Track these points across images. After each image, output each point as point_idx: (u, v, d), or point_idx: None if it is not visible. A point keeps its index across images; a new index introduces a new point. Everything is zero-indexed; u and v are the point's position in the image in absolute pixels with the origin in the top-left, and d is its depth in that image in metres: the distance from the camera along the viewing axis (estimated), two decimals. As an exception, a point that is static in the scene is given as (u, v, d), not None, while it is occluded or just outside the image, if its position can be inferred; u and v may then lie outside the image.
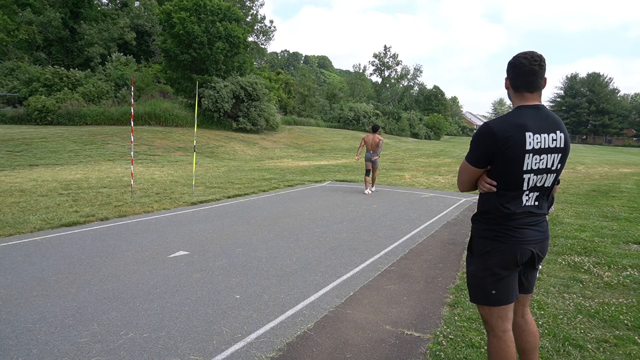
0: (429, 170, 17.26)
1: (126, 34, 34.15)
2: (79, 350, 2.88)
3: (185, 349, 2.95)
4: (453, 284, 4.35)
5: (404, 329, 3.36)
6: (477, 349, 3.00)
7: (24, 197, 8.04)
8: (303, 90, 46.39)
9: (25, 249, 5.09)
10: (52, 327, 3.18)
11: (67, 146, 16.94)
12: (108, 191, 9.13)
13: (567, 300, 3.90)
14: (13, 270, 4.36)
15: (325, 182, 12.41)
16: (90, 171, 12.63)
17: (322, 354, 2.96)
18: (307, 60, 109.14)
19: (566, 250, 5.59)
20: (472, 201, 9.64)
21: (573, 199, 10.10)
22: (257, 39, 45.65)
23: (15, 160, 13.75)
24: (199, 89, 26.00)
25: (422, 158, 24.61)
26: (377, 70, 67.33)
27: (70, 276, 4.24)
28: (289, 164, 18.31)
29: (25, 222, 6.22)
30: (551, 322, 3.44)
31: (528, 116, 2.05)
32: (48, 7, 32.13)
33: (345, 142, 33.22)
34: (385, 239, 6.12)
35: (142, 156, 17.09)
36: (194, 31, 24.64)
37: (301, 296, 3.93)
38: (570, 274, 4.66)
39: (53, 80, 24.56)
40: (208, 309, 3.60)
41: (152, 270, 4.48)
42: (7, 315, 3.36)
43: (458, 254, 5.47)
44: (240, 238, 5.90)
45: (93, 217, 6.73)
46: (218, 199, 8.85)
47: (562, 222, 7.32)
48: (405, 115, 54.79)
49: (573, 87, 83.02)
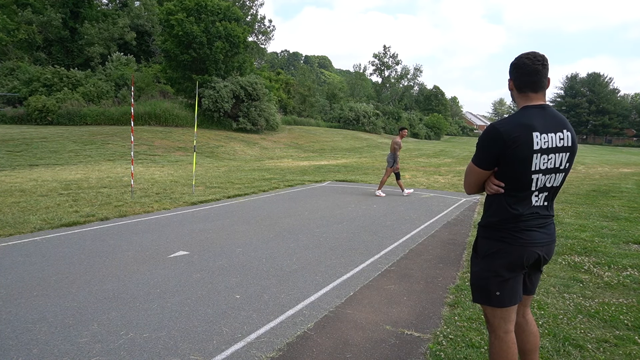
0: (429, 170, 17.26)
1: (126, 34, 34.18)
2: (79, 350, 2.88)
3: (185, 349, 2.95)
4: (453, 283, 4.35)
5: (404, 329, 3.36)
6: (477, 349, 3.00)
7: (24, 197, 8.04)
8: (303, 90, 46.38)
9: (26, 249, 5.10)
10: (53, 327, 3.18)
11: (67, 146, 16.94)
12: (108, 191, 9.13)
13: (567, 300, 3.90)
14: (13, 270, 4.36)
15: (325, 182, 12.41)
16: (90, 171, 12.63)
17: (322, 354, 2.96)
18: (307, 60, 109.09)
19: (566, 250, 5.59)
20: (472, 201, 9.64)
21: (573, 199, 10.09)
22: (256, 39, 45.65)
23: (15, 160, 13.75)
24: (199, 88, 26.02)
25: (422, 158, 24.62)
26: (377, 70, 67.29)
27: (70, 276, 4.24)
28: (289, 164, 18.31)
29: (26, 222, 6.22)
30: (551, 322, 3.44)
31: (534, 116, 2.03)
32: (48, 7, 32.12)
33: (345, 142, 33.23)
34: (385, 239, 6.12)
35: (142, 156, 17.09)
36: (193, 31, 24.63)
37: (301, 296, 3.93)
38: (571, 274, 4.66)
39: (53, 80, 24.57)
40: (208, 309, 3.60)
41: (152, 270, 4.48)
42: (7, 315, 3.36)
43: (458, 253, 5.47)
44: (240, 238, 5.90)
45: (93, 217, 6.73)
46: (218, 199, 8.85)
47: (562, 222, 7.31)
48: (405, 115, 54.81)
49: (573, 87, 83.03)
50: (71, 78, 25.44)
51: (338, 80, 71.91)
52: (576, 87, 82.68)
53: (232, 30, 26.08)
